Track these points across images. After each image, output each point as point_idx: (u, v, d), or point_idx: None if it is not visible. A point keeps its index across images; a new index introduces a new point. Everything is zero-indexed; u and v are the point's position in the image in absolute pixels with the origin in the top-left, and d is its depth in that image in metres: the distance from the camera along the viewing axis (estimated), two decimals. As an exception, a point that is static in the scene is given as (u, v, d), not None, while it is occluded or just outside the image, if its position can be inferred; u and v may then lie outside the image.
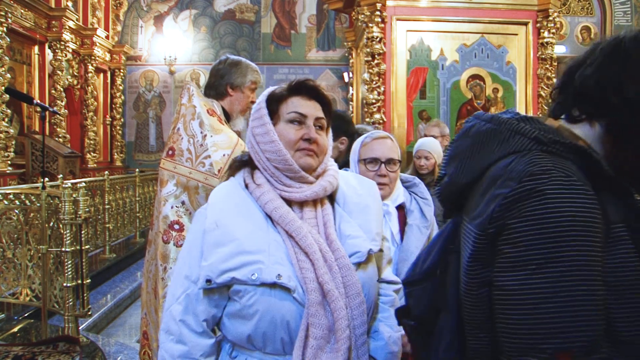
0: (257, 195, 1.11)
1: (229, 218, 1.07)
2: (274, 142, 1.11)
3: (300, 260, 1.04)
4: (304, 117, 1.14)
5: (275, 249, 1.05)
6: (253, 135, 1.15)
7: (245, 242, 1.03)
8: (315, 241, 1.06)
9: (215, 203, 1.11)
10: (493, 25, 5.27)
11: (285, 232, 1.07)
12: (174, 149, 1.91)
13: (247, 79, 2.07)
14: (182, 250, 1.16)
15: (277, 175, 1.12)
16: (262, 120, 1.14)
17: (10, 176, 6.44)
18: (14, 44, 7.12)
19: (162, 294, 1.85)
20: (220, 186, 1.17)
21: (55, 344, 3.21)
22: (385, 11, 5.07)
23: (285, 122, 1.14)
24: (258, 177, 1.14)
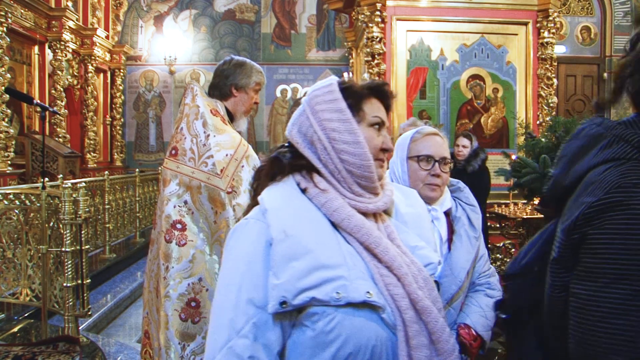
0: (322, 202, 0.94)
1: (297, 226, 0.90)
2: (359, 144, 0.95)
3: (383, 275, 0.90)
4: (382, 124, 1.01)
5: (353, 262, 0.90)
6: (324, 130, 0.96)
7: (321, 254, 0.86)
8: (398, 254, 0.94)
9: (277, 209, 0.92)
10: (493, 25, 5.27)
11: (360, 243, 0.92)
12: (177, 149, 1.91)
13: (252, 80, 2.08)
14: (227, 273, 0.92)
15: (349, 182, 0.96)
16: (343, 114, 0.96)
17: (10, 176, 6.44)
18: (14, 44, 7.12)
19: (163, 293, 1.85)
20: (271, 190, 0.97)
21: (55, 344, 3.21)
22: (385, 11, 5.07)
23: (368, 125, 0.99)
24: (319, 181, 0.96)
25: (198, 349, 1.85)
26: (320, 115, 0.97)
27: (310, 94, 1.01)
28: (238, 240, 0.93)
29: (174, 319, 1.83)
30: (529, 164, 3.60)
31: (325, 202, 0.94)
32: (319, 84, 1.03)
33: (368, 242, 0.92)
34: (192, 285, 1.85)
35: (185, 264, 1.85)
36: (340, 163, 0.95)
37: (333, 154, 0.95)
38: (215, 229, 1.87)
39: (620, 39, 8.68)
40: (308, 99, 1.01)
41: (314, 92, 1.01)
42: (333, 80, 1.01)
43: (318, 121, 0.97)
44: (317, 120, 0.97)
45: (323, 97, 0.98)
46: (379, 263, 0.91)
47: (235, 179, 1.87)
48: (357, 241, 0.92)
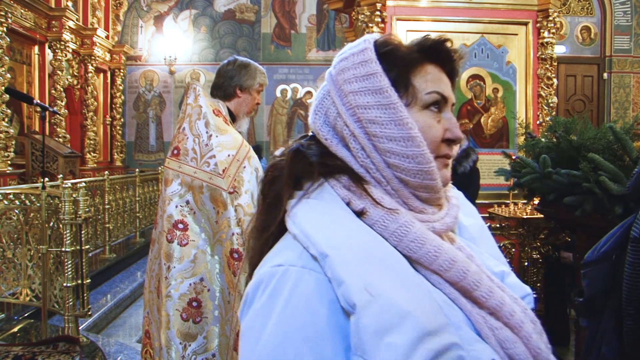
0: (391, 229, 0.63)
1: (377, 276, 0.58)
2: (413, 140, 0.65)
3: (493, 327, 0.63)
4: (445, 100, 0.69)
5: (453, 315, 0.62)
6: (357, 121, 0.66)
7: (420, 314, 0.57)
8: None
9: (341, 250, 0.59)
10: (493, 25, 5.27)
11: (450, 284, 0.64)
12: (179, 149, 1.92)
13: (256, 82, 2.10)
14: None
15: (403, 194, 0.67)
16: (384, 96, 0.65)
17: (10, 176, 6.43)
18: (14, 44, 7.12)
19: (165, 293, 1.86)
20: (312, 213, 0.64)
21: (55, 344, 3.21)
22: (385, 11, 5.07)
23: (421, 108, 0.68)
24: (380, 196, 0.66)
25: (199, 349, 1.86)
26: (351, 99, 0.66)
27: (337, 64, 0.70)
28: (278, 302, 0.59)
29: (175, 318, 1.83)
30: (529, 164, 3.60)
31: (396, 229, 0.63)
32: (347, 48, 0.71)
33: (465, 283, 0.63)
34: (193, 285, 1.85)
35: (187, 264, 1.85)
36: (388, 169, 0.66)
37: (375, 156, 0.66)
38: (217, 229, 1.87)
39: (620, 39, 8.68)
40: (334, 72, 0.70)
41: (341, 61, 0.70)
42: (367, 40, 0.69)
43: (348, 108, 0.67)
44: (348, 107, 0.67)
45: (354, 71, 0.67)
46: (481, 310, 0.64)
47: (237, 180, 1.87)
48: (446, 282, 0.64)
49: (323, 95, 0.71)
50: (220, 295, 1.88)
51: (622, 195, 1.96)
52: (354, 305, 0.56)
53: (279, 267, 0.61)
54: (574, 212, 2.15)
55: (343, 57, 0.70)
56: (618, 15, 8.67)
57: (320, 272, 0.59)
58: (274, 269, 0.61)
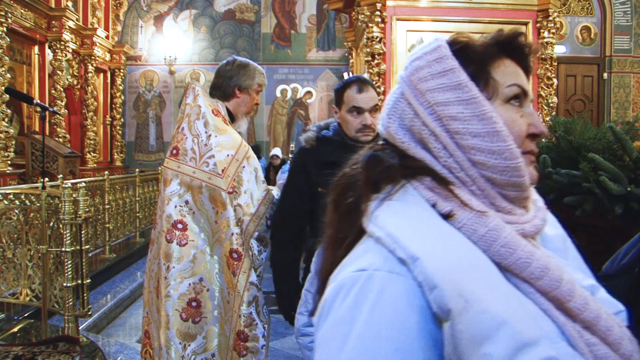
0: (480, 232, 0.59)
1: (470, 280, 0.55)
2: (498, 135, 0.62)
3: (590, 343, 0.58)
4: (525, 95, 0.67)
5: (546, 327, 0.58)
6: (438, 119, 0.63)
7: (516, 323, 0.53)
8: None
9: (434, 253, 0.56)
10: (493, 25, 5.27)
11: (541, 294, 0.59)
12: (178, 149, 1.92)
13: (255, 82, 2.09)
14: None
15: (489, 194, 0.63)
16: (465, 91, 0.63)
17: (10, 176, 6.44)
18: (14, 44, 7.12)
19: (164, 293, 1.86)
20: (396, 214, 0.61)
21: (55, 344, 3.21)
22: (385, 11, 5.07)
23: (503, 102, 0.65)
24: (468, 197, 0.62)
25: (199, 348, 1.86)
26: (429, 97, 0.64)
27: (409, 65, 0.68)
28: (363, 309, 0.55)
29: (174, 318, 1.84)
30: (529, 164, 3.59)
31: (485, 232, 0.59)
32: (417, 49, 0.69)
33: (558, 293, 0.58)
34: (193, 285, 1.85)
35: (186, 264, 1.85)
36: (473, 167, 0.63)
37: (459, 155, 0.63)
38: (216, 229, 1.87)
39: (620, 39, 8.68)
40: (406, 73, 0.68)
41: (414, 61, 0.67)
42: (438, 39, 0.68)
43: (427, 107, 0.64)
44: (426, 105, 0.64)
45: (429, 69, 0.65)
46: (575, 323, 0.59)
47: (236, 180, 1.87)
48: (537, 292, 0.59)
49: (396, 98, 0.69)
50: (219, 295, 1.88)
51: (622, 195, 1.96)
52: (448, 312, 0.52)
53: (362, 272, 0.57)
54: (574, 212, 2.15)
55: (415, 57, 0.68)
56: (618, 15, 8.67)
57: (408, 276, 0.55)
58: (357, 274, 0.57)
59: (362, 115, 1.81)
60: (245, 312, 1.81)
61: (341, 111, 1.87)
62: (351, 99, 1.81)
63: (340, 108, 1.87)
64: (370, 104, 1.82)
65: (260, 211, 1.89)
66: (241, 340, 1.81)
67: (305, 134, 1.95)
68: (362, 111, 1.81)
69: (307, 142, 1.92)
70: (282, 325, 4.40)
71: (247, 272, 1.83)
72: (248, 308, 1.83)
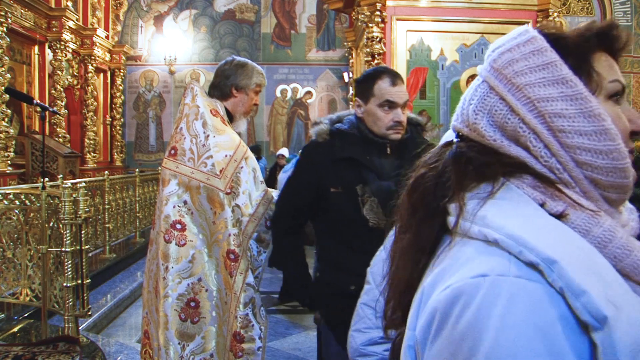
0: (596, 234, 0.55)
1: (611, 286, 0.51)
2: (607, 133, 0.57)
3: None
4: (623, 92, 0.63)
5: None
6: (539, 116, 0.58)
7: None
8: None
9: (572, 256, 0.51)
10: (493, 25, 5.27)
11: None
12: (177, 149, 1.91)
13: (253, 82, 2.07)
14: None
15: (593, 196, 0.59)
16: (569, 86, 0.58)
17: (10, 176, 6.44)
18: (14, 44, 7.12)
19: (163, 293, 1.86)
20: (515, 219, 0.55)
21: (55, 344, 3.21)
22: (385, 11, 5.07)
23: (605, 97, 0.61)
24: (577, 197, 0.58)
25: (197, 349, 1.86)
26: (528, 92, 0.59)
27: (498, 57, 0.62)
28: (491, 321, 0.48)
29: (173, 318, 1.84)
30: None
31: (600, 233, 0.55)
32: (503, 40, 0.63)
33: None
34: (191, 285, 1.85)
35: (185, 264, 1.85)
36: (577, 168, 0.58)
37: (563, 154, 0.58)
38: (214, 230, 1.86)
39: (620, 39, 8.68)
40: (497, 66, 0.62)
41: (504, 53, 0.62)
42: (528, 30, 0.62)
43: (525, 103, 0.59)
44: (524, 101, 0.59)
45: (526, 62, 0.59)
46: None
47: (235, 180, 1.86)
48: None
49: (483, 93, 0.63)
50: (217, 296, 1.88)
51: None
52: (604, 319, 0.47)
53: (482, 278, 0.50)
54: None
55: (505, 49, 0.62)
56: (618, 15, 8.67)
57: (543, 282, 0.49)
58: (477, 281, 0.50)
59: (395, 111, 1.67)
60: (242, 314, 1.81)
61: (369, 104, 1.70)
62: (384, 92, 1.66)
63: (368, 101, 1.70)
64: (404, 98, 1.69)
65: (258, 212, 1.89)
66: (237, 342, 1.81)
67: (317, 126, 1.80)
68: (395, 106, 1.67)
69: (320, 135, 1.77)
70: (282, 325, 4.40)
71: (244, 273, 1.83)
72: (244, 309, 1.82)
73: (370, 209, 1.65)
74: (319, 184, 1.73)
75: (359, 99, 1.74)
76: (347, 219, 1.69)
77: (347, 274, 1.63)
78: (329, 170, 1.70)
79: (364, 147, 1.71)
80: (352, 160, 1.68)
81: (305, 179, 1.80)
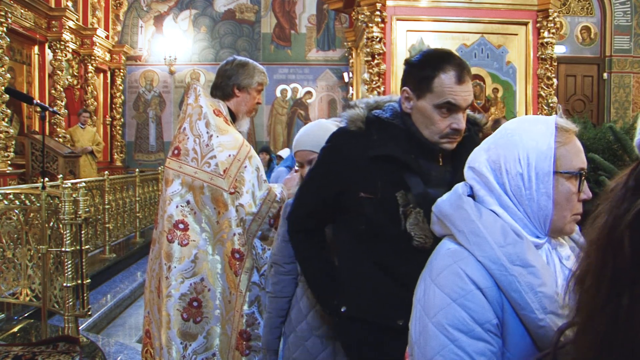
0: None
1: None
2: None
3: None
4: None
5: None
6: None
7: None
8: None
9: None
10: (493, 25, 5.27)
11: None
12: (180, 149, 1.91)
13: (254, 81, 2.07)
14: None
15: None
16: None
17: (10, 176, 6.43)
18: (14, 44, 7.11)
19: (165, 293, 1.86)
20: None
21: (55, 344, 3.21)
22: (385, 11, 5.07)
23: None
24: None
25: (200, 348, 1.86)
26: None
27: None
28: None
29: (175, 318, 1.84)
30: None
31: None
32: None
33: None
34: (194, 285, 1.86)
35: (188, 264, 1.85)
36: None
37: None
38: (218, 229, 1.87)
39: (620, 39, 8.69)
40: None
41: None
42: None
43: None
44: None
45: None
46: None
47: (238, 180, 1.86)
48: None
49: None
50: (220, 295, 1.88)
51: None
52: None
53: None
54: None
55: None
56: (618, 15, 8.67)
57: None
58: None
59: (455, 116, 1.29)
60: (248, 312, 1.82)
61: (422, 101, 1.30)
62: (446, 90, 1.27)
63: (422, 96, 1.30)
64: (469, 100, 1.30)
65: (262, 211, 1.89)
66: (244, 340, 1.82)
67: (351, 110, 1.39)
68: (456, 110, 1.29)
69: (353, 122, 1.37)
70: (282, 325, 4.40)
71: (249, 272, 1.83)
72: (250, 307, 1.83)
73: (416, 223, 1.28)
74: (345, 185, 1.36)
75: (410, 89, 1.33)
76: (385, 234, 1.32)
77: (391, 305, 1.30)
78: (361, 169, 1.33)
79: (410, 146, 1.33)
80: (391, 159, 1.31)
81: (321, 178, 1.44)
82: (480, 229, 0.89)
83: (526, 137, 0.93)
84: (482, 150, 0.99)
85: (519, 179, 0.92)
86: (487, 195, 0.95)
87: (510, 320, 0.85)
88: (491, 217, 0.91)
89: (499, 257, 0.86)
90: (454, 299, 0.86)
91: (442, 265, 0.91)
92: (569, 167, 0.93)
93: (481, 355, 0.83)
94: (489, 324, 0.84)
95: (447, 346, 0.84)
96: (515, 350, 0.85)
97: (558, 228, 0.93)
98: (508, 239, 0.88)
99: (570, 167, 0.93)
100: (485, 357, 0.83)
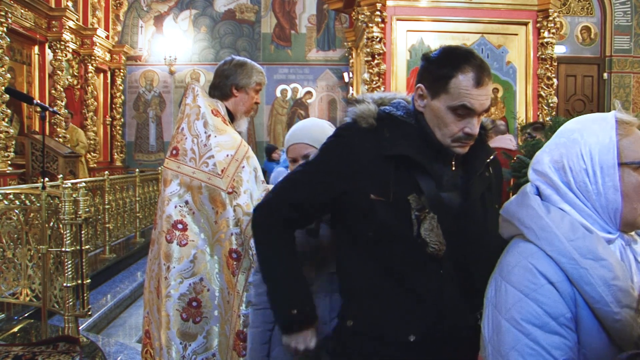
0: None
1: None
2: None
3: None
4: None
5: None
6: None
7: None
8: None
9: None
10: (493, 25, 5.27)
11: None
12: (178, 149, 1.91)
13: (252, 80, 2.06)
14: None
15: None
16: None
17: (10, 176, 6.43)
18: (14, 44, 7.11)
19: (165, 293, 1.86)
20: None
21: (55, 344, 3.21)
22: (385, 11, 5.08)
23: None
24: None
25: (199, 348, 1.86)
26: None
27: None
28: None
29: (175, 318, 1.84)
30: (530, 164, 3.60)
31: None
32: None
33: None
34: (193, 285, 1.86)
35: (187, 264, 1.85)
36: None
37: None
38: (216, 229, 1.87)
39: (620, 39, 8.69)
40: None
41: None
42: None
43: None
44: None
45: None
46: None
47: (236, 180, 1.86)
48: None
49: None
50: (219, 295, 1.88)
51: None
52: None
53: None
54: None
55: None
56: (618, 15, 8.67)
57: None
58: None
59: (469, 120, 1.20)
60: (245, 312, 1.81)
61: (436, 101, 1.22)
62: (463, 92, 1.18)
63: (437, 96, 1.22)
64: (485, 105, 1.21)
65: None
66: (241, 340, 1.81)
67: (361, 105, 1.28)
68: (471, 114, 1.20)
69: (364, 118, 1.26)
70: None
71: (246, 272, 1.83)
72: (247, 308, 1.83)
73: (431, 228, 1.19)
74: (354, 186, 1.24)
75: (425, 87, 1.24)
76: (396, 240, 1.22)
77: (402, 318, 1.21)
78: (374, 169, 1.22)
79: (423, 145, 1.25)
80: (405, 160, 1.22)
81: (336, 171, 1.26)
82: (549, 224, 0.90)
83: (586, 133, 0.94)
84: (543, 153, 1.00)
85: (583, 175, 0.92)
86: (554, 194, 0.96)
87: (585, 315, 0.85)
88: (559, 213, 0.92)
89: (569, 251, 0.86)
90: (526, 294, 0.86)
91: (513, 263, 0.92)
92: (635, 157, 0.91)
93: (556, 349, 0.83)
94: (563, 317, 0.85)
95: (521, 340, 0.85)
96: (591, 347, 0.85)
97: (629, 222, 0.92)
98: (577, 233, 0.88)
99: (636, 157, 0.91)
100: (561, 351, 0.83)
